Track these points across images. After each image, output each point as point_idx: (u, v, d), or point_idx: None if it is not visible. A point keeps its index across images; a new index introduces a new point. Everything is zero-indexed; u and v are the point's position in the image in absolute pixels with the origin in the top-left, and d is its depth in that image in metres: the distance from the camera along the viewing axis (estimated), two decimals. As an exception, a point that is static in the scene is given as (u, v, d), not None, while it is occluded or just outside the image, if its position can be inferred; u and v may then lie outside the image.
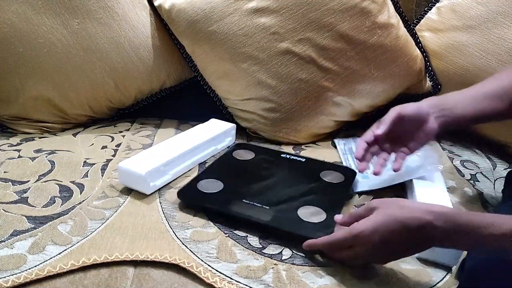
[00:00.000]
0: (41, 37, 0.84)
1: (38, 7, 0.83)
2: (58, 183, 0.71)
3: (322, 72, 0.89)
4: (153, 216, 0.65)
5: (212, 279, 0.54)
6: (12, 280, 0.52)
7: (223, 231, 0.62)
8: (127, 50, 0.90)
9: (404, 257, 0.58)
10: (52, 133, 0.92)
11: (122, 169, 0.69)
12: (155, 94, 0.99)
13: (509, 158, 0.94)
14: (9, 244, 0.57)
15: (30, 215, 0.63)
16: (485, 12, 0.90)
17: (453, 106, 0.69)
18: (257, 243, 0.61)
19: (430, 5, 0.99)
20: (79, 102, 0.91)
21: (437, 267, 0.59)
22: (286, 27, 0.86)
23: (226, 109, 0.99)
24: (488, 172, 0.87)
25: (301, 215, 0.64)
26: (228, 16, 0.86)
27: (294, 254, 0.59)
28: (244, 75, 0.90)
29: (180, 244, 0.59)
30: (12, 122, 0.92)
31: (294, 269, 0.56)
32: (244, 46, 0.87)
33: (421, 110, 0.69)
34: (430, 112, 0.69)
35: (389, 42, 0.91)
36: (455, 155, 0.92)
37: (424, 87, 1.00)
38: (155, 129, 0.95)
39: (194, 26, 0.88)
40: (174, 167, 0.75)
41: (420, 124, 0.70)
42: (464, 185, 0.80)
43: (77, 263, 0.55)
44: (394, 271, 0.58)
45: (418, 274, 0.58)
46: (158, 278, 0.54)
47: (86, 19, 0.85)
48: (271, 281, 0.54)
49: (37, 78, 0.87)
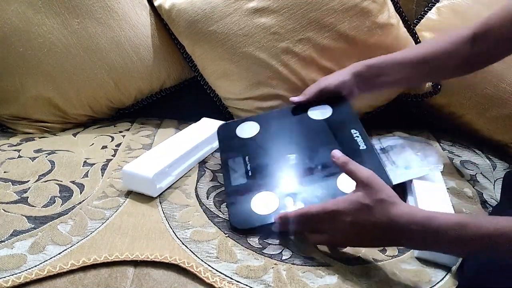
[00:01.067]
0: (41, 37, 0.84)
1: (38, 7, 0.83)
2: (58, 183, 0.71)
3: (322, 72, 0.89)
4: (153, 216, 0.65)
5: (212, 279, 0.54)
6: (12, 280, 0.52)
7: (223, 231, 0.62)
8: (127, 50, 0.90)
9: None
10: (52, 133, 0.92)
11: (127, 172, 0.68)
12: (155, 94, 0.99)
13: (509, 158, 0.94)
14: (9, 244, 0.57)
15: (30, 215, 0.63)
16: (485, 12, 0.90)
17: (380, 73, 0.77)
18: (257, 243, 0.61)
19: (430, 5, 0.99)
20: (79, 102, 0.91)
21: (437, 267, 0.59)
22: (286, 27, 0.86)
23: (226, 109, 0.99)
24: (488, 172, 0.87)
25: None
26: (228, 16, 0.86)
27: (294, 254, 0.59)
28: (244, 75, 0.90)
29: (180, 244, 0.59)
30: (12, 122, 0.91)
31: (294, 269, 0.56)
32: (244, 46, 0.87)
33: (344, 85, 0.77)
34: (355, 83, 0.77)
35: (389, 42, 0.91)
36: (455, 155, 0.92)
37: (424, 87, 1.00)
38: (155, 129, 0.95)
39: (194, 26, 0.88)
40: (177, 168, 0.74)
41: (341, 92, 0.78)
42: (464, 186, 0.80)
43: (77, 263, 0.54)
44: (394, 271, 0.58)
45: (418, 274, 0.58)
46: (158, 278, 0.54)
47: (86, 19, 0.85)
48: (271, 281, 0.54)
49: (37, 78, 0.87)
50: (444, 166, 0.85)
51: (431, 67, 0.76)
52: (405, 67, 0.77)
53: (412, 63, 0.76)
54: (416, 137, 0.96)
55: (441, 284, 0.57)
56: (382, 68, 0.77)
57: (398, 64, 0.77)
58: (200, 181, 0.75)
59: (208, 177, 0.76)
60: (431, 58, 0.75)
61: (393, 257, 0.61)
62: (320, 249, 0.61)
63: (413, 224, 0.50)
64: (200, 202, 0.69)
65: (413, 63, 0.76)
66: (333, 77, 0.78)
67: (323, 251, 0.60)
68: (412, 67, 0.76)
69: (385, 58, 0.78)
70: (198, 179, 0.75)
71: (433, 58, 0.75)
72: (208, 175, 0.77)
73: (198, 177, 0.76)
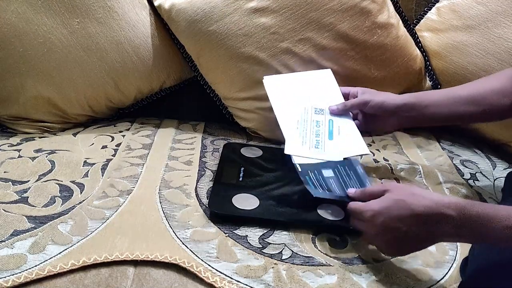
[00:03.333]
0: (41, 37, 0.84)
1: (38, 6, 0.83)
2: (58, 183, 0.71)
3: (322, 72, 0.89)
4: (153, 216, 0.65)
5: (212, 278, 0.54)
6: (12, 280, 0.52)
7: (223, 231, 0.62)
8: (127, 50, 0.90)
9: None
10: (52, 133, 0.92)
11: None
12: (155, 94, 0.99)
13: (509, 158, 0.94)
14: (9, 244, 0.57)
15: (30, 215, 0.63)
16: (485, 12, 0.90)
17: (425, 106, 0.73)
18: (257, 243, 0.61)
19: (430, 5, 0.99)
20: (79, 102, 0.91)
21: (437, 267, 0.59)
22: (286, 27, 0.86)
23: (226, 109, 0.99)
24: (488, 172, 0.87)
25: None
26: (228, 16, 0.86)
27: (294, 253, 0.59)
28: (244, 75, 0.90)
29: (180, 244, 0.59)
30: (12, 122, 0.91)
31: (294, 269, 0.56)
32: (244, 46, 0.87)
33: (385, 106, 0.74)
34: (396, 110, 0.74)
35: (389, 42, 0.91)
36: (455, 154, 0.92)
37: (424, 87, 1.00)
38: (155, 129, 0.95)
39: (194, 26, 0.88)
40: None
41: (380, 117, 0.76)
42: (464, 185, 0.80)
43: (78, 262, 0.55)
44: (394, 271, 0.58)
45: (418, 274, 0.58)
46: (158, 278, 0.55)
47: (86, 18, 0.85)
48: (271, 281, 0.54)
49: (37, 78, 0.86)
50: (444, 166, 0.85)
51: (485, 104, 0.71)
52: (457, 102, 0.73)
53: (465, 99, 0.72)
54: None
55: (441, 283, 0.57)
56: (432, 100, 0.74)
57: (447, 99, 0.73)
58: (200, 181, 0.75)
59: (208, 177, 0.76)
60: (484, 96, 0.71)
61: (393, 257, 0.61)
62: (320, 249, 0.61)
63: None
64: (200, 202, 0.69)
65: (467, 100, 0.72)
66: (380, 95, 0.76)
67: (323, 251, 0.61)
68: (465, 103, 0.72)
69: (436, 91, 0.76)
70: (198, 179, 0.75)
71: (486, 96, 0.71)
72: (208, 175, 0.77)
73: (198, 177, 0.76)
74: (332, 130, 0.78)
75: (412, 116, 0.74)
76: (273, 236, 0.62)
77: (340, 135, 0.77)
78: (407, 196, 0.53)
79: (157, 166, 0.78)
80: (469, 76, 0.91)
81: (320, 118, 0.79)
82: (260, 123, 0.94)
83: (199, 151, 0.86)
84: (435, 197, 0.52)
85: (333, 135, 0.77)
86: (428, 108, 0.73)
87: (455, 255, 0.62)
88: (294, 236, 0.63)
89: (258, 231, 0.63)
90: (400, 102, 0.74)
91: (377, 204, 0.55)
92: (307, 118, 0.79)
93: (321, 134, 0.77)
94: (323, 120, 0.79)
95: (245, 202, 0.68)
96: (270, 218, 0.65)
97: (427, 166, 0.86)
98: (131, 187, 0.71)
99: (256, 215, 0.66)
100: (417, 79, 0.98)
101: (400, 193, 0.54)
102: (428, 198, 0.52)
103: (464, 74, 0.93)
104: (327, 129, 0.78)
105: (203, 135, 0.94)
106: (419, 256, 0.60)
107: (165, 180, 0.74)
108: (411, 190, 0.54)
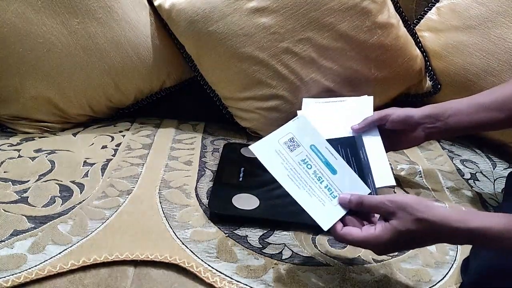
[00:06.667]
0: (41, 37, 0.84)
1: (38, 7, 0.83)
2: (58, 183, 0.71)
3: (322, 72, 0.89)
4: (153, 216, 0.65)
5: (212, 279, 0.54)
6: (12, 280, 0.52)
7: (223, 231, 0.62)
8: (127, 50, 0.90)
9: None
10: (52, 133, 0.92)
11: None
12: (155, 94, 0.99)
13: (509, 158, 0.94)
14: (9, 244, 0.57)
15: (30, 215, 0.63)
16: (485, 12, 0.90)
17: (448, 116, 0.71)
18: (257, 243, 0.61)
19: (430, 5, 0.99)
20: (79, 102, 0.91)
21: (438, 268, 0.59)
22: (286, 27, 0.86)
23: (226, 109, 0.99)
24: (488, 172, 0.87)
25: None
26: (228, 16, 0.86)
27: (294, 254, 0.59)
28: (244, 75, 0.90)
29: (180, 244, 0.59)
30: (12, 122, 0.91)
31: (294, 269, 0.56)
32: (244, 46, 0.87)
33: (409, 119, 0.72)
34: (420, 122, 0.72)
35: (389, 42, 0.91)
36: (455, 154, 0.92)
37: (424, 87, 1.00)
38: (155, 129, 0.95)
39: (194, 26, 0.88)
40: None
41: (404, 131, 0.73)
42: (464, 185, 0.80)
43: (77, 262, 0.55)
44: (394, 271, 0.58)
45: (418, 274, 0.58)
46: (158, 278, 0.55)
47: (86, 18, 0.85)
48: (271, 281, 0.54)
49: (37, 78, 0.86)
50: (444, 166, 0.85)
51: (507, 109, 0.69)
52: (480, 109, 0.70)
53: (488, 106, 0.70)
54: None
55: (441, 284, 0.57)
56: (456, 109, 0.71)
57: (468, 107, 0.71)
58: (200, 181, 0.75)
59: (208, 177, 0.76)
60: (506, 102, 0.69)
61: (393, 257, 0.61)
62: (320, 249, 0.61)
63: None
64: (200, 202, 0.69)
65: (489, 106, 0.70)
66: (402, 109, 0.73)
67: (323, 251, 0.61)
68: (488, 110, 0.70)
69: (455, 101, 0.73)
70: (198, 179, 0.75)
71: (508, 102, 0.69)
72: (208, 175, 0.77)
73: (198, 177, 0.76)
74: (328, 162, 0.60)
75: (437, 127, 0.71)
76: (273, 236, 0.63)
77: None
78: (416, 225, 0.48)
79: (157, 166, 0.78)
80: (469, 76, 0.91)
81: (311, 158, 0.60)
82: (260, 123, 0.94)
83: (199, 151, 0.86)
84: (452, 223, 0.47)
85: (334, 168, 0.60)
86: (451, 117, 0.71)
87: (456, 255, 0.62)
88: (294, 236, 0.63)
89: (258, 231, 0.63)
90: (423, 113, 0.71)
91: (378, 237, 0.50)
92: (300, 173, 0.60)
93: (324, 176, 0.59)
94: (315, 160, 0.60)
95: (245, 202, 0.68)
96: (270, 218, 0.65)
97: (427, 166, 0.86)
98: (131, 187, 0.71)
99: (256, 215, 0.66)
100: (417, 79, 0.98)
101: (407, 223, 0.49)
102: (444, 225, 0.48)
103: (464, 74, 0.93)
104: (323, 165, 0.60)
105: (203, 135, 0.94)
106: (419, 256, 0.61)
107: (165, 180, 0.74)
108: (421, 215, 0.48)
